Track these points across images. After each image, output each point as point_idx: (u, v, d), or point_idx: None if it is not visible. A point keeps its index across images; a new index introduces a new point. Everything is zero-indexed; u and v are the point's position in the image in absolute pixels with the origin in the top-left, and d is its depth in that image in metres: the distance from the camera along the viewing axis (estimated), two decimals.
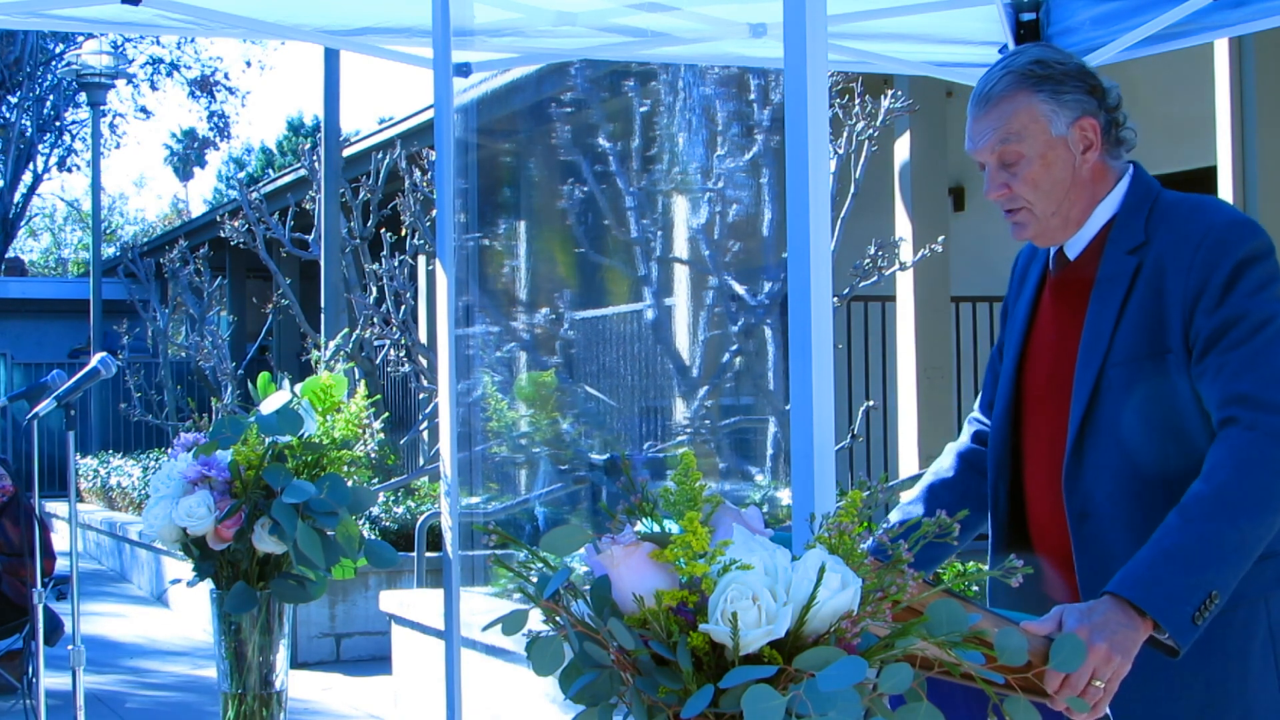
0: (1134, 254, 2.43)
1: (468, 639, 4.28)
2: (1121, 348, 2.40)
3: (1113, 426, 2.41)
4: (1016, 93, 2.45)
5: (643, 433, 9.90)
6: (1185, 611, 2.18)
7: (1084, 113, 2.46)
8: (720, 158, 8.56)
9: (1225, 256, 2.34)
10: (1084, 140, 2.46)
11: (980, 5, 4.06)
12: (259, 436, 3.24)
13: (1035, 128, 2.44)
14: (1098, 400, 2.42)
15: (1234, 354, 2.30)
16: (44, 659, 4.06)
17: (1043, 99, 2.44)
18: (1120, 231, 2.47)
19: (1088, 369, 2.43)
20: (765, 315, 8.41)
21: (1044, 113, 2.44)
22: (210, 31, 4.35)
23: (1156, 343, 2.38)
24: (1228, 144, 7.13)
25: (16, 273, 30.37)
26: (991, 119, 2.47)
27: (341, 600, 8.94)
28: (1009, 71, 2.47)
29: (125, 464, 15.49)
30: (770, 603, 1.72)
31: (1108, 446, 2.41)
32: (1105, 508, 2.41)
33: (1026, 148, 2.45)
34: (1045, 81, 2.44)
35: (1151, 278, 2.40)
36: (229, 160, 41.04)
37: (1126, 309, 2.41)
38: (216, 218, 15.43)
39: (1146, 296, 2.40)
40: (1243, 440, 2.25)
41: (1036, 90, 2.44)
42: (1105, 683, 2.13)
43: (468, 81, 4.09)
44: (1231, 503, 2.22)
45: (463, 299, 8.27)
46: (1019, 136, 2.45)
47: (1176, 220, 2.43)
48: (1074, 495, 2.44)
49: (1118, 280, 2.43)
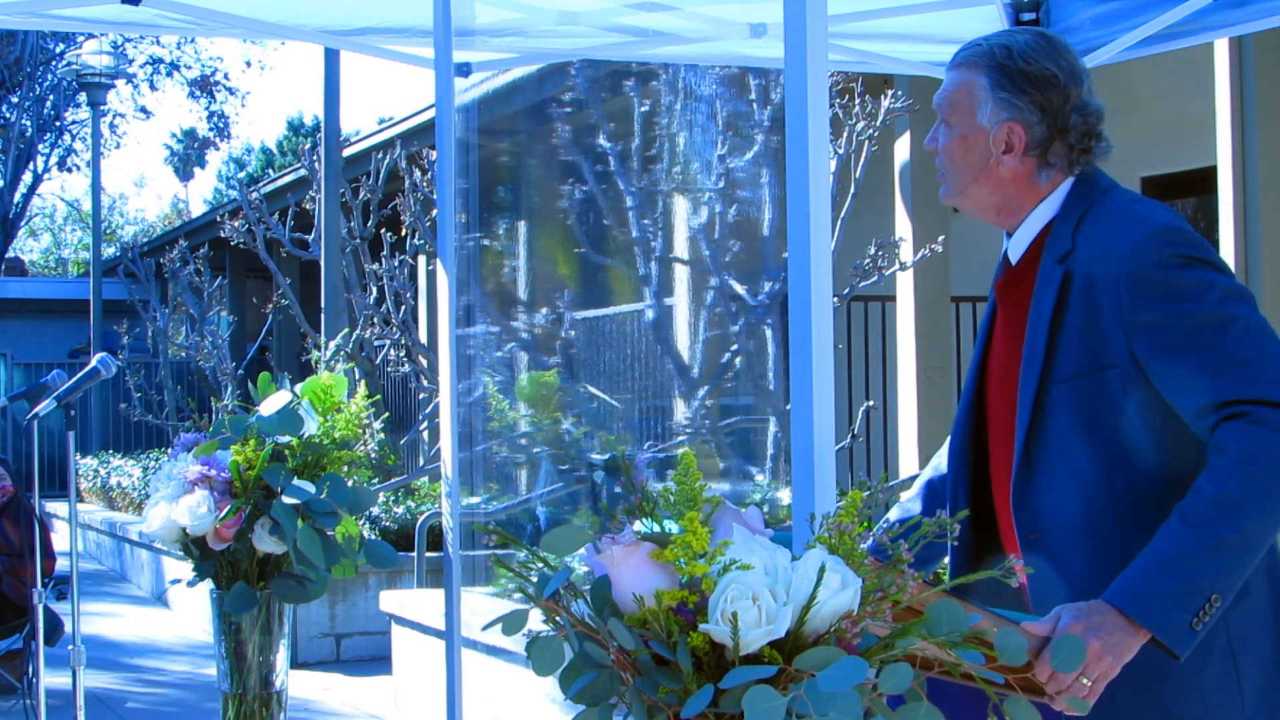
0: (1062, 262, 2.39)
1: (468, 639, 4.28)
2: (1062, 365, 2.36)
3: (1059, 446, 2.36)
4: (971, 66, 2.47)
5: (643, 433, 9.90)
6: (1182, 619, 2.16)
7: (1015, 118, 2.42)
8: (720, 158, 8.56)
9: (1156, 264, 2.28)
10: (1005, 142, 2.44)
11: (980, 5, 4.07)
12: (259, 436, 3.24)
13: (965, 106, 2.46)
14: (1042, 420, 2.37)
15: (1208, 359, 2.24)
16: (44, 659, 4.06)
17: (983, 85, 2.45)
18: (1053, 238, 2.43)
19: (1028, 387, 2.39)
20: (765, 315, 8.41)
21: (978, 97, 2.45)
22: (210, 31, 4.35)
23: (1096, 360, 2.33)
24: (1228, 144, 7.12)
25: (16, 273, 30.36)
26: (948, 79, 2.51)
27: (341, 600, 8.94)
28: (980, 44, 2.49)
29: (125, 464, 15.49)
30: (770, 603, 1.72)
31: (1055, 466, 2.37)
32: (1054, 528, 2.37)
33: (954, 119, 2.48)
34: (996, 70, 2.44)
35: (1083, 290, 2.35)
36: (229, 160, 41.09)
37: (1064, 325, 2.36)
38: (216, 218, 15.42)
39: (1080, 311, 2.34)
40: (1246, 435, 2.19)
41: (984, 74, 2.45)
42: (1093, 681, 2.13)
43: (468, 81, 4.09)
44: (1234, 503, 2.18)
45: (463, 299, 8.27)
46: (952, 107, 2.48)
47: (1104, 229, 2.37)
48: (1023, 515, 2.41)
49: (1049, 290, 2.38)
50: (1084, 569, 2.33)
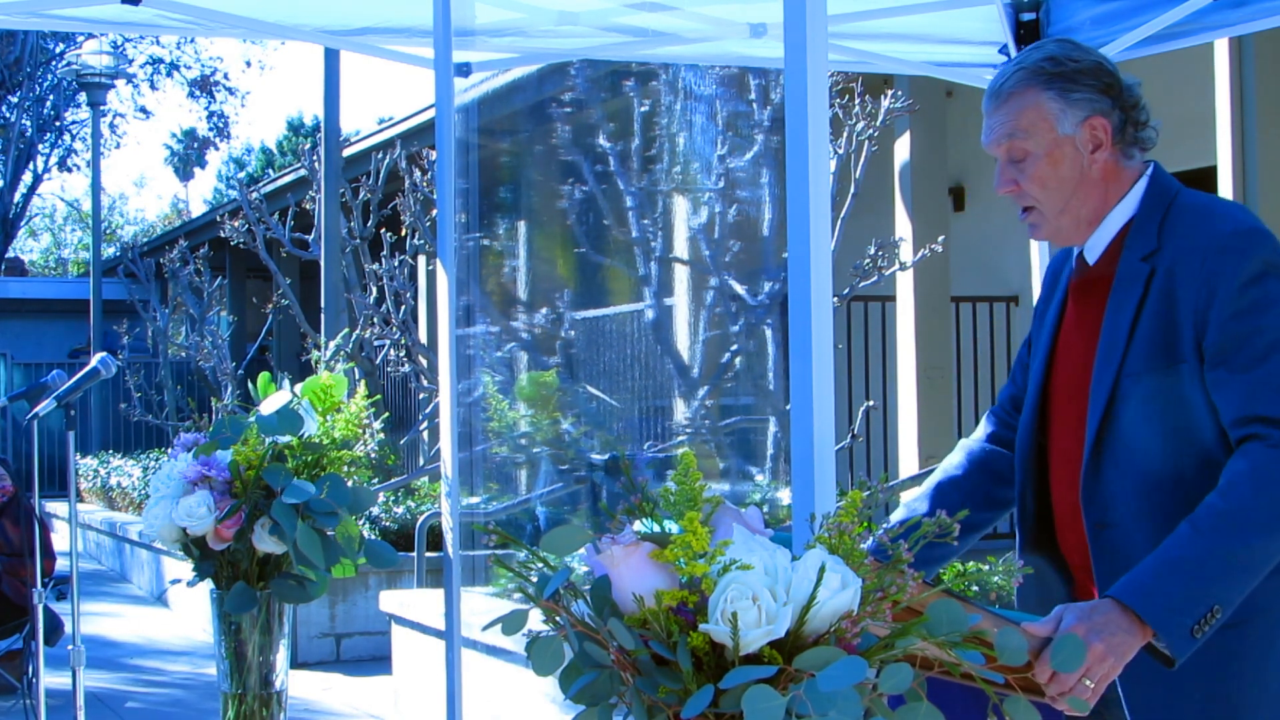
0: (1147, 261, 2.42)
1: (468, 639, 4.28)
2: (1136, 358, 2.39)
3: (1129, 437, 2.40)
4: (1026, 89, 2.45)
5: (643, 433, 9.90)
6: (1185, 623, 2.18)
7: (1094, 112, 2.44)
8: (720, 158, 8.56)
9: (1234, 268, 2.33)
10: (1093, 140, 2.45)
11: (980, 5, 4.06)
12: (259, 436, 3.24)
13: (1042, 125, 2.44)
14: (1113, 411, 2.41)
15: (1251, 374, 2.29)
16: (44, 659, 4.06)
17: (1051, 97, 2.43)
18: (1135, 236, 2.46)
19: (1102, 379, 2.42)
20: (765, 315, 8.41)
21: (1052, 111, 2.43)
22: (210, 31, 4.35)
23: (1171, 353, 2.37)
24: (1228, 144, 7.13)
25: (16, 273, 30.36)
26: (1002, 114, 2.47)
27: (341, 600, 8.94)
28: (1021, 68, 2.47)
29: (125, 464, 15.49)
30: (770, 603, 1.72)
31: (1125, 457, 2.40)
32: (1123, 518, 2.40)
33: (1033, 145, 2.45)
34: (1056, 79, 2.44)
35: (1164, 286, 2.39)
36: (229, 160, 41.07)
37: (1141, 317, 2.40)
38: (216, 218, 15.42)
39: (1160, 305, 2.38)
40: (1264, 458, 2.24)
41: (1046, 88, 2.44)
42: (1095, 683, 2.13)
43: (468, 81, 4.10)
44: (1245, 519, 2.22)
45: (463, 299, 8.27)
46: (1026, 134, 2.45)
47: (1187, 227, 2.41)
48: (1092, 505, 2.43)
49: (1131, 287, 2.42)
50: None
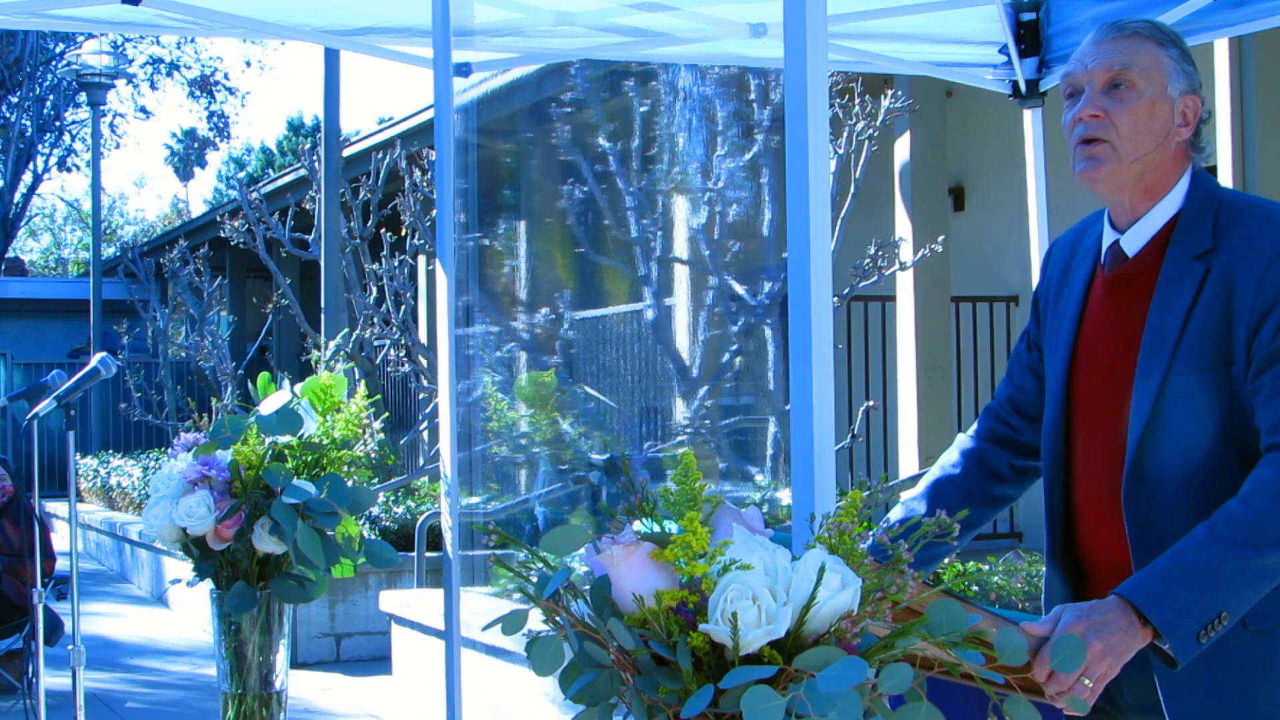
0: (1201, 260, 2.38)
1: (468, 639, 4.28)
2: (1186, 358, 2.35)
3: (1176, 438, 2.37)
4: (1150, 38, 2.44)
5: (643, 433, 9.90)
6: (1192, 628, 2.17)
7: (1194, 90, 2.44)
8: (720, 158, 8.56)
9: None
10: (1185, 115, 2.44)
11: (980, 5, 4.06)
12: (259, 436, 3.24)
13: (1158, 74, 2.42)
14: (1160, 410, 2.37)
15: None
16: (44, 659, 4.06)
17: (1172, 56, 2.43)
18: (1185, 234, 2.42)
19: (1149, 377, 2.38)
20: (765, 315, 8.41)
21: (1169, 68, 2.43)
22: (210, 31, 4.35)
23: (1222, 354, 2.34)
24: (1228, 144, 7.13)
25: (16, 273, 30.37)
26: (1119, 45, 2.44)
27: (341, 600, 8.94)
28: (1139, 23, 2.46)
29: (125, 464, 15.49)
30: (770, 603, 1.72)
31: (1170, 458, 2.37)
32: (1167, 519, 2.36)
33: (1144, 84, 2.42)
34: (1173, 45, 2.44)
35: (1220, 287, 2.35)
36: (229, 160, 41.07)
37: (1193, 317, 2.36)
38: (216, 218, 15.43)
39: (1214, 306, 2.35)
40: None
41: (1169, 46, 2.44)
42: (1094, 682, 2.12)
43: (468, 81, 4.10)
44: (1264, 530, 2.21)
45: (463, 299, 8.27)
46: (1143, 71, 2.42)
47: (1248, 229, 2.38)
48: (1135, 506, 2.39)
49: (1183, 285, 2.38)
50: None
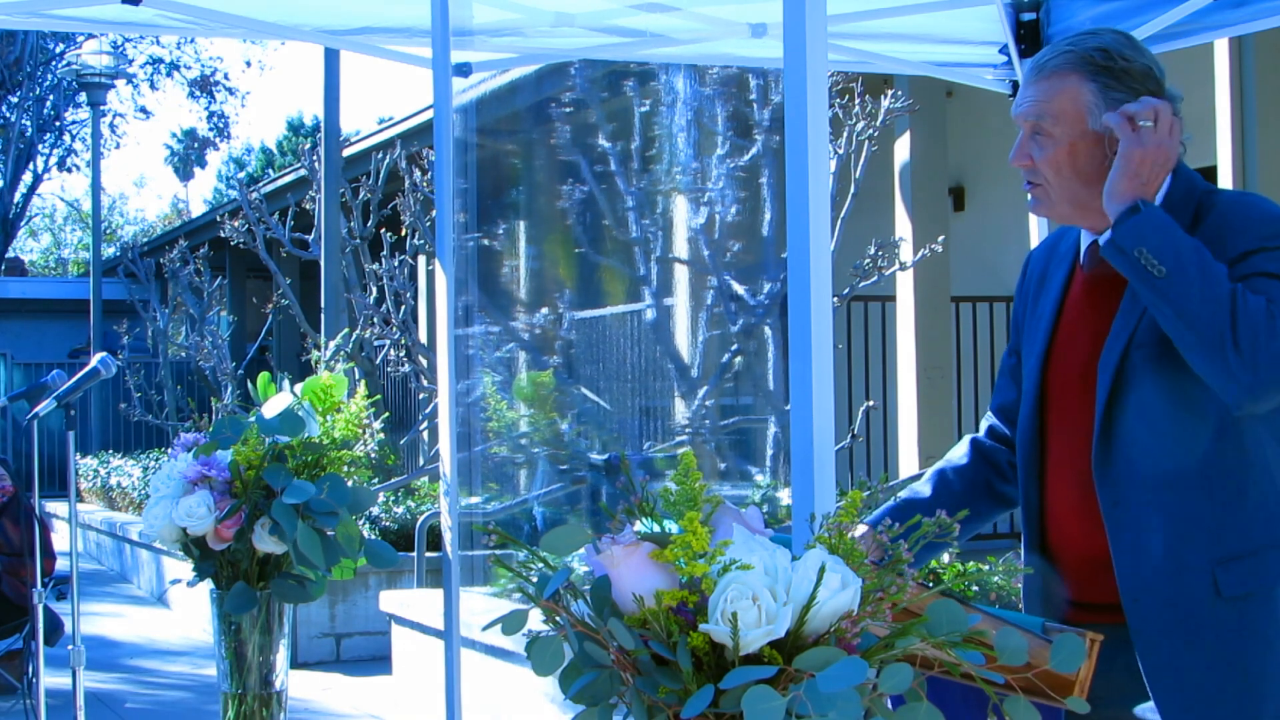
0: None
1: (468, 639, 4.28)
2: (1147, 329, 2.37)
3: (1141, 411, 2.38)
4: (1069, 73, 2.42)
5: (642, 433, 9.90)
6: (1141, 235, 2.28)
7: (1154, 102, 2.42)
8: (720, 157, 8.56)
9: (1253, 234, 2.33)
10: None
11: (980, 5, 4.06)
12: (259, 436, 3.24)
13: (1074, 115, 2.41)
14: (1123, 383, 2.39)
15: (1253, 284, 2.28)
16: (44, 659, 4.06)
17: (1092, 90, 2.41)
18: None
19: (1112, 352, 2.40)
20: (765, 315, 8.40)
21: (1087, 103, 2.41)
22: (210, 31, 4.35)
23: None
24: (1228, 144, 7.13)
25: (16, 273, 30.36)
26: (1038, 89, 2.44)
27: (341, 600, 8.94)
28: (1071, 50, 2.44)
29: (125, 464, 15.49)
30: (770, 603, 1.72)
31: (1136, 430, 2.38)
32: (1137, 495, 2.37)
33: (1059, 131, 2.42)
34: (1102, 73, 2.41)
35: None
36: (229, 160, 41.07)
37: None
38: (216, 218, 15.43)
39: None
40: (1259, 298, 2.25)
41: (1090, 79, 2.41)
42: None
43: (467, 81, 4.10)
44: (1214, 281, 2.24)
45: (463, 299, 8.26)
46: (1055, 119, 2.42)
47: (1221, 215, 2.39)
48: (1105, 482, 2.40)
49: None
50: (1170, 536, 2.34)
